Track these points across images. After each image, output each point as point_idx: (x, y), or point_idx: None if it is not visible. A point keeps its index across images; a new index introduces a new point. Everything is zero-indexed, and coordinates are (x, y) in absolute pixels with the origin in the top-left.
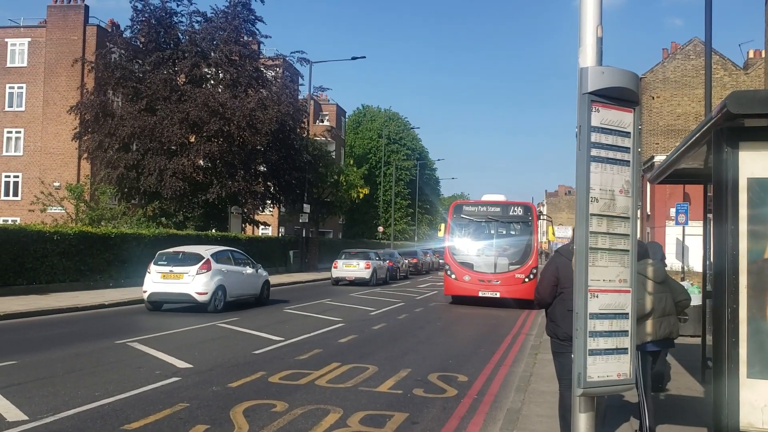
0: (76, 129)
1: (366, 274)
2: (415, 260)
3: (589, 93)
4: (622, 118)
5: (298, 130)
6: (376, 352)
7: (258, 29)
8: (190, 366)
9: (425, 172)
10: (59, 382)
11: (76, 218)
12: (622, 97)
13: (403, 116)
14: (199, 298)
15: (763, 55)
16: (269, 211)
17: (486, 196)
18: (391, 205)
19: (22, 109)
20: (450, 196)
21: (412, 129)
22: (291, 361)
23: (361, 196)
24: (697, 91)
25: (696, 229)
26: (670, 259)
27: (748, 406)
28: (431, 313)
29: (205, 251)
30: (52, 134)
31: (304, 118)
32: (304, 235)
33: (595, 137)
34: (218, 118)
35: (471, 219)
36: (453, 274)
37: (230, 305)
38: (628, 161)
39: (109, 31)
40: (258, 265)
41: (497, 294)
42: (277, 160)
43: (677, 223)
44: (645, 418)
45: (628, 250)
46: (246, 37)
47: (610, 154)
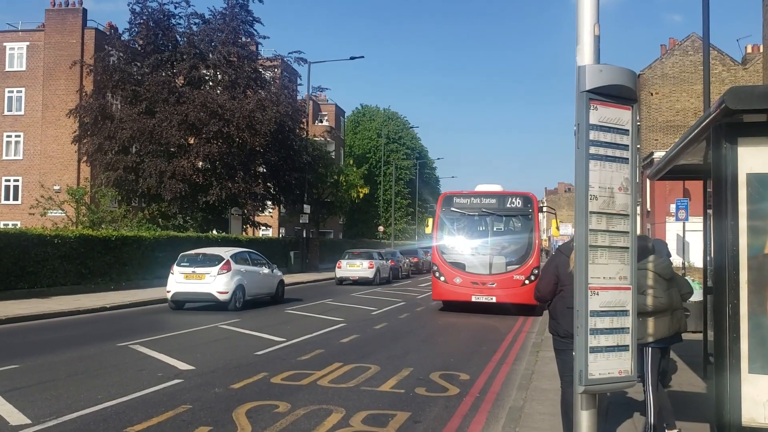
0: (75, 132)
1: (369, 273)
2: (416, 259)
3: (587, 91)
4: (621, 116)
5: (297, 130)
6: (378, 352)
7: (256, 30)
8: (193, 368)
9: (425, 171)
10: (62, 386)
11: (77, 221)
12: (620, 94)
13: (402, 115)
14: (221, 297)
15: (762, 50)
16: (269, 212)
17: (480, 186)
18: (391, 204)
19: (22, 113)
20: None
21: (412, 128)
22: (293, 362)
23: (361, 196)
24: (696, 87)
25: (696, 224)
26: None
27: (750, 402)
28: (432, 313)
29: (225, 252)
30: (52, 138)
31: (303, 119)
32: (304, 236)
33: (594, 135)
34: (217, 119)
35: (463, 212)
36: (442, 276)
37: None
38: (627, 158)
39: (108, 34)
40: (273, 265)
41: (493, 299)
42: (276, 161)
43: (677, 219)
44: (650, 416)
45: (627, 248)
46: (244, 38)
47: (609, 152)
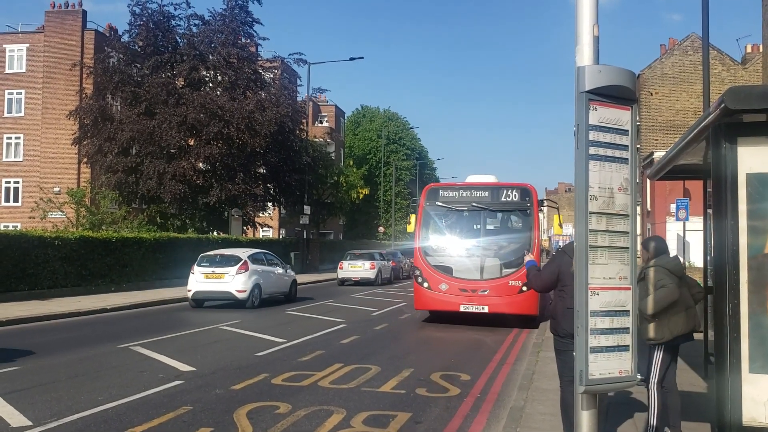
0: (75, 134)
1: (371, 274)
2: None
3: (587, 92)
4: (620, 116)
5: (297, 131)
6: (379, 353)
7: (256, 31)
8: (193, 369)
9: (425, 172)
10: (62, 387)
11: (77, 223)
12: (619, 95)
13: (402, 116)
14: (239, 296)
15: (761, 49)
16: (269, 213)
17: (471, 177)
18: (392, 205)
19: (22, 114)
20: None
21: (412, 129)
22: (294, 363)
23: (361, 196)
24: (696, 87)
25: (697, 224)
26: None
27: (751, 401)
28: (433, 313)
29: (242, 253)
30: (52, 139)
31: (303, 120)
32: (304, 237)
33: (593, 135)
34: (217, 120)
35: (450, 207)
36: (425, 282)
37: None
38: (627, 159)
39: (107, 35)
40: (287, 265)
41: (485, 308)
42: (276, 162)
43: (678, 219)
44: (651, 417)
45: (627, 248)
46: (244, 40)
47: (609, 152)
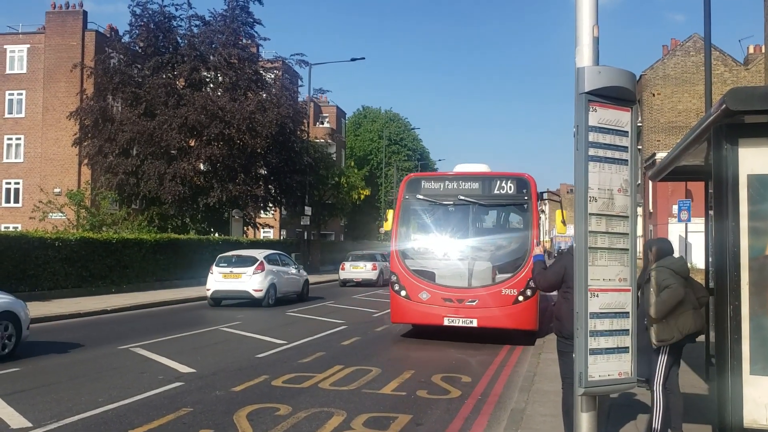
0: (76, 135)
1: (373, 275)
2: None
3: (587, 93)
4: (620, 118)
5: (298, 132)
6: (379, 354)
7: (257, 32)
8: (193, 370)
9: None
10: (62, 389)
11: (77, 224)
12: (619, 96)
13: (404, 117)
14: (256, 295)
15: (763, 50)
16: (269, 214)
17: (460, 167)
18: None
19: (22, 115)
20: None
21: (413, 129)
22: (294, 365)
23: (362, 197)
24: (698, 88)
25: (699, 225)
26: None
27: (752, 403)
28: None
29: (258, 254)
30: (52, 140)
31: (304, 121)
32: (305, 238)
33: (593, 137)
34: (218, 121)
35: (434, 200)
36: (403, 290)
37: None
38: (627, 160)
39: (108, 36)
40: (300, 266)
41: (473, 322)
42: (277, 163)
43: (680, 220)
44: (655, 419)
45: (627, 249)
46: (245, 40)
47: (608, 154)
